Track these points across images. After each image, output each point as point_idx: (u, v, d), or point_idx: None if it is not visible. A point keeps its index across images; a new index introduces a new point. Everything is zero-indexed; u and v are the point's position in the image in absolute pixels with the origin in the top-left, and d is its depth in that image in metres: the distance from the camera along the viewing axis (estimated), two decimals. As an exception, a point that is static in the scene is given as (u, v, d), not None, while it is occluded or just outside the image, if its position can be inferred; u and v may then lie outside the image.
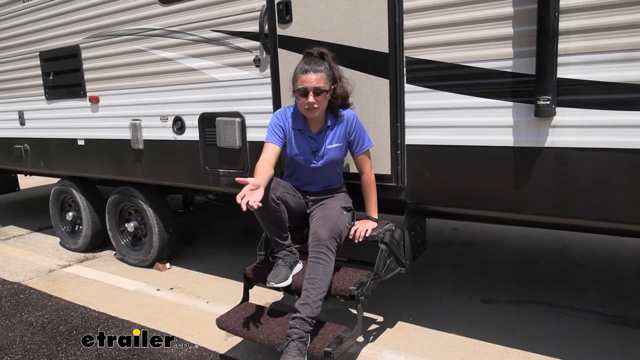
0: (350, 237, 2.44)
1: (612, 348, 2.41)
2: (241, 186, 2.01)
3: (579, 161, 1.96)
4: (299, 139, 2.42)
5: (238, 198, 1.95)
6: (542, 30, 1.89)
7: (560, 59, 1.92)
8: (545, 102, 1.93)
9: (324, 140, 2.41)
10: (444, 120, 2.25)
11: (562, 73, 1.93)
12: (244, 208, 1.93)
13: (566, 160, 1.98)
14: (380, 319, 2.86)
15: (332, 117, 2.41)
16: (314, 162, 2.43)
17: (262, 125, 2.81)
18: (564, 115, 1.96)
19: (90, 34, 3.61)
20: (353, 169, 2.57)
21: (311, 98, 2.26)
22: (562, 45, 1.91)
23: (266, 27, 2.68)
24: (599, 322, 2.68)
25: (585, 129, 1.93)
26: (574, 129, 1.95)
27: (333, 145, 2.41)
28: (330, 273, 2.23)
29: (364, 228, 2.43)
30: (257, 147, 2.67)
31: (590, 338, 2.52)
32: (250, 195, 1.96)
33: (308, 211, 2.53)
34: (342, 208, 2.43)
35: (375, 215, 2.52)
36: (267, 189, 2.23)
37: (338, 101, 2.38)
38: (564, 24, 1.89)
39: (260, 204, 1.97)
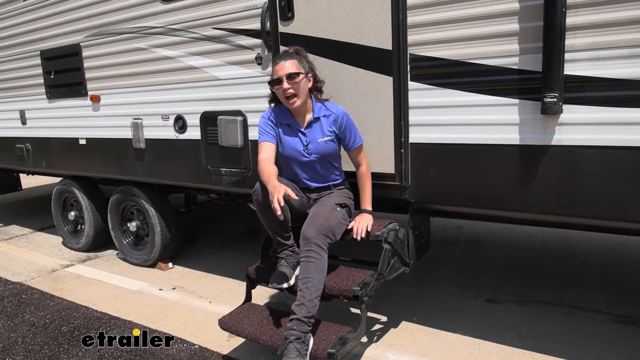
0: (353, 235, 2.41)
1: (619, 348, 2.38)
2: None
3: (587, 159, 1.92)
4: (289, 134, 2.42)
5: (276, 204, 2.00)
6: (549, 26, 1.86)
7: (567, 56, 1.89)
8: (551, 100, 1.90)
9: (313, 134, 2.40)
10: (449, 118, 2.22)
11: (569, 70, 1.90)
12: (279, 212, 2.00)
13: (573, 158, 1.95)
14: (384, 318, 2.84)
15: (318, 108, 2.40)
16: (306, 155, 2.41)
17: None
18: (571, 112, 1.93)
19: (91, 33, 3.60)
20: (351, 167, 2.54)
21: (285, 84, 2.27)
22: (569, 41, 1.88)
23: (268, 24, 2.66)
24: (606, 321, 2.65)
25: (592, 127, 1.90)
26: (582, 126, 1.91)
27: (324, 139, 2.39)
28: (324, 270, 2.20)
29: (363, 225, 2.40)
30: (259, 146, 2.65)
31: (596, 338, 2.49)
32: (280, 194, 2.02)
33: (308, 210, 2.51)
34: (335, 204, 2.40)
35: (369, 207, 2.48)
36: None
37: (321, 95, 2.44)
38: (571, 19, 1.86)
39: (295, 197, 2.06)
